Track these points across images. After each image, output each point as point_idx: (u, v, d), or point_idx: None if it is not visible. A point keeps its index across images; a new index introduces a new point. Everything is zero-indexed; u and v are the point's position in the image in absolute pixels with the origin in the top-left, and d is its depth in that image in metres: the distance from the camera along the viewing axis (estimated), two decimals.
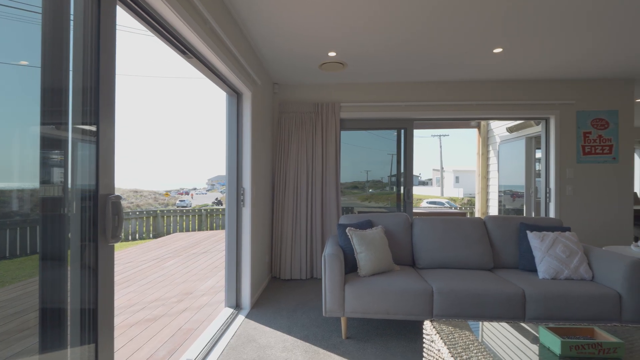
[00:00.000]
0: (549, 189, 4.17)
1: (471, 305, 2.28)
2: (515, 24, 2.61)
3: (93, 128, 1.17)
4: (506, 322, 1.72)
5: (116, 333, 2.57)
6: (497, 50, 3.11)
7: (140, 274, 4.25)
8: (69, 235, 1.10)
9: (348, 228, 2.67)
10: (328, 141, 4.10)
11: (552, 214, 4.13)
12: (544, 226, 2.76)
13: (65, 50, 1.07)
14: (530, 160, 6.09)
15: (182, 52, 2.04)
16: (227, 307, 2.98)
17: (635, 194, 6.55)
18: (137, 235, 8.55)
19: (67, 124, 1.10)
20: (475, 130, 7.64)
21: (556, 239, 2.58)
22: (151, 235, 8.78)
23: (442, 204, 16.70)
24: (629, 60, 3.41)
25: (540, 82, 4.09)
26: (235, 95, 2.98)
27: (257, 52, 3.23)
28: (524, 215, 5.90)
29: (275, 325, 2.67)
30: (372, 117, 4.19)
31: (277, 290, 3.57)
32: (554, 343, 1.39)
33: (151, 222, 8.83)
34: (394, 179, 4.44)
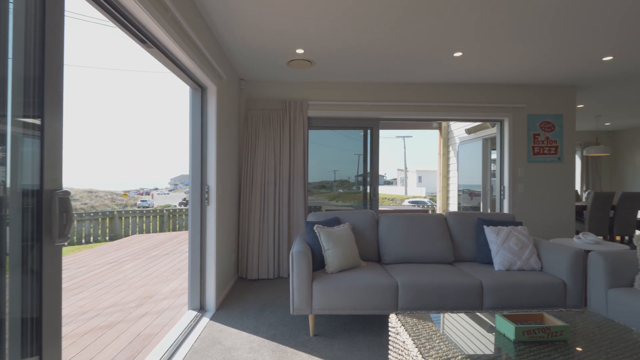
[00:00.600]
0: (504, 187, 4.44)
1: (434, 298, 2.37)
2: (473, 31, 2.75)
3: (37, 121, 1.07)
4: (465, 313, 1.80)
5: (66, 343, 2.37)
6: (458, 54, 3.26)
7: (95, 279, 3.98)
8: (8, 236, 1.00)
9: (316, 225, 2.67)
10: (296, 139, 4.08)
11: (506, 210, 4.40)
12: (499, 221, 2.94)
13: (2, 35, 0.96)
14: (486, 160, 6.46)
15: (141, 41, 1.93)
16: (190, 309, 2.86)
17: (576, 191, 7.18)
18: (91, 238, 7.99)
19: (5, 116, 0.99)
20: (437, 131, 7.97)
21: (510, 233, 2.75)
22: (107, 237, 8.25)
23: (425, 203, 17.22)
24: (572, 70, 3.72)
25: (496, 86, 4.35)
26: (199, 90, 2.87)
27: (222, 46, 3.14)
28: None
29: (242, 326, 2.61)
30: (340, 116, 4.23)
31: (244, 290, 3.50)
32: (509, 329, 1.48)
33: (107, 224, 8.29)
34: (360, 178, 4.51)
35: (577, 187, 8.35)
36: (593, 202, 5.70)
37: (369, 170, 4.39)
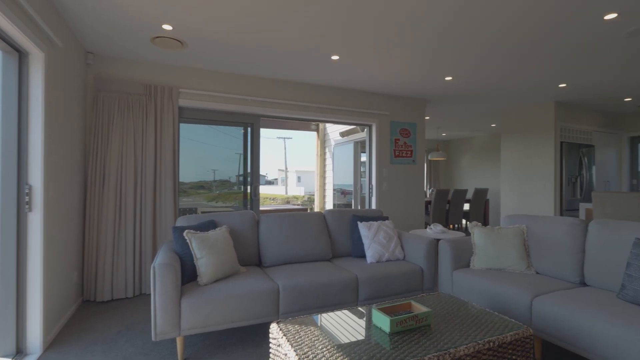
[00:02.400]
0: (372, 186, 4.91)
1: (314, 297, 2.36)
2: (348, 38, 2.88)
3: None
4: (346, 310, 1.81)
5: None
6: (335, 57, 3.39)
7: None
8: None
9: (186, 231, 2.31)
10: (164, 131, 3.52)
11: (373, 206, 4.88)
12: (370, 217, 3.18)
13: None
14: (357, 161, 7.08)
15: None
16: None
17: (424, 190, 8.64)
18: None
19: None
20: (315, 133, 8.32)
21: (379, 227, 3.00)
22: None
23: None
24: (424, 86, 4.39)
25: (367, 93, 4.77)
26: (16, 54, 2.11)
27: (57, 4, 2.41)
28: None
29: None
30: (218, 109, 3.87)
31: (90, 316, 2.79)
32: (384, 322, 1.54)
33: None
34: (242, 178, 4.25)
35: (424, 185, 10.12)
36: (435, 197, 6.93)
37: (249, 169, 4.17)
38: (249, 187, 4.18)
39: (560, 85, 4.44)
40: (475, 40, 2.98)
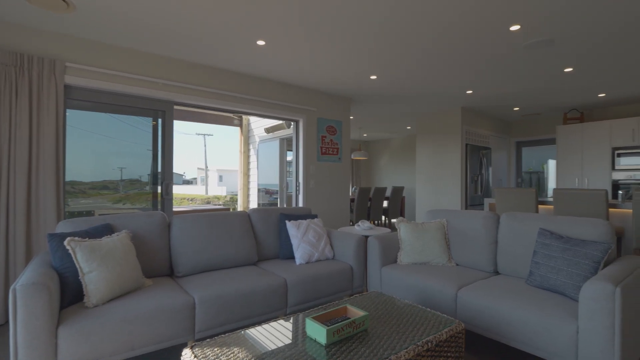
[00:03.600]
0: (299, 183, 4.76)
1: (239, 308, 2.07)
2: (276, 21, 2.66)
3: None
4: (275, 322, 1.59)
5: None
6: (261, 42, 3.12)
7: None
8: None
9: (68, 239, 1.80)
10: (42, 115, 2.80)
11: (301, 204, 4.73)
12: (299, 215, 3.00)
13: None
14: (283, 159, 6.87)
15: None
16: None
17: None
18: None
19: None
20: (238, 129, 7.85)
21: (308, 226, 2.84)
22: None
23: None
24: (349, 83, 4.39)
25: (295, 87, 4.59)
26: None
27: None
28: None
29: None
30: (120, 91, 3.25)
31: None
32: (320, 333, 1.36)
33: None
34: (153, 176, 3.66)
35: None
36: (358, 195, 7.13)
37: (161, 164, 3.62)
38: (159, 187, 3.63)
39: (468, 92, 4.90)
40: (401, 42, 3.03)
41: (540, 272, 2.02)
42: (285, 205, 6.68)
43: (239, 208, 7.66)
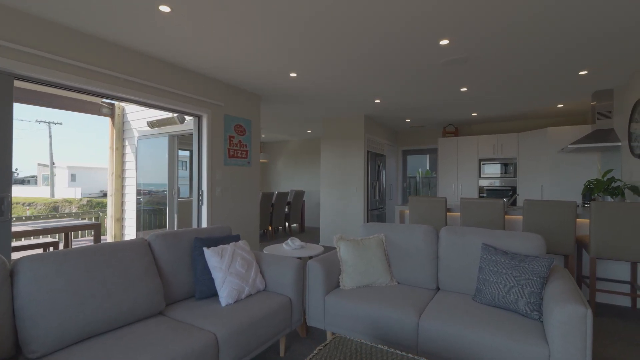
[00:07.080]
0: (202, 191, 3.97)
1: None
2: None
3: None
4: None
5: None
6: (165, 8, 2.34)
7: None
8: None
9: None
10: None
11: (204, 217, 3.96)
12: (218, 238, 2.36)
13: None
14: (173, 159, 5.78)
15: None
16: None
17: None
18: None
19: None
20: (109, 119, 6.30)
21: (234, 252, 2.25)
22: None
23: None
24: (264, 78, 3.89)
25: (200, 76, 3.78)
26: None
27: None
28: (166, 218, 5.51)
29: None
30: None
31: None
32: None
33: None
34: None
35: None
36: (262, 201, 6.61)
37: None
38: None
39: (376, 101, 5.02)
40: (327, 45, 2.74)
41: (491, 290, 2.01)
42: (175, 214, 5.62)
43: (110, 218, 6.12)
